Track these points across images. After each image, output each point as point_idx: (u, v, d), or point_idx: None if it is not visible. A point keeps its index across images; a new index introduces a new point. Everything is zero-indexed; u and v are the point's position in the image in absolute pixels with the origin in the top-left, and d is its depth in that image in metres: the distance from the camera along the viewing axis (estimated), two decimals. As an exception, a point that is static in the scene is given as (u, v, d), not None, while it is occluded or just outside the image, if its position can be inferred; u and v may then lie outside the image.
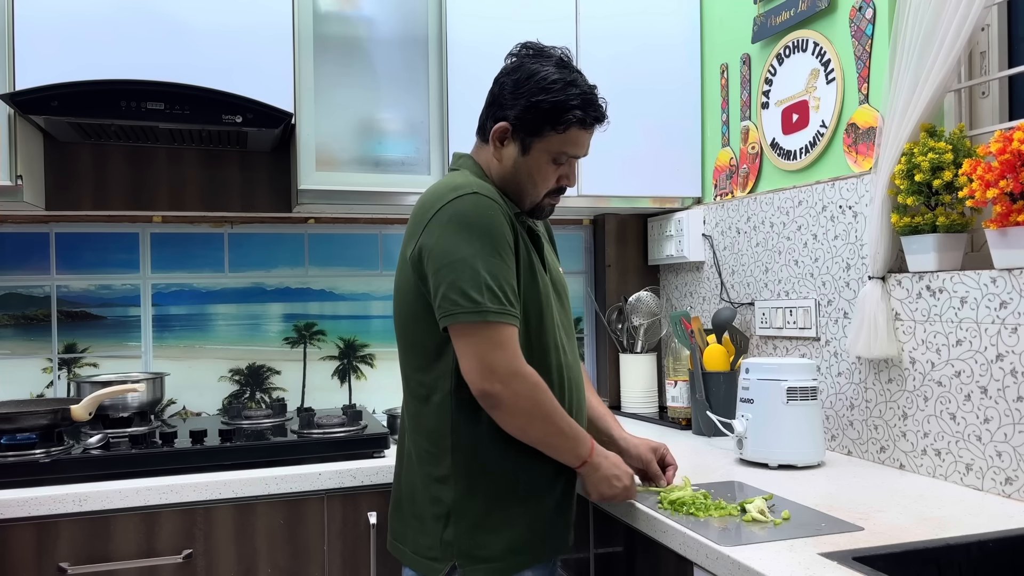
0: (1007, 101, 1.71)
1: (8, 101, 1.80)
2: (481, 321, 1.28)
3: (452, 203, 1.32)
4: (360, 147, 2.14)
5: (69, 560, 1.59)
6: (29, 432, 1.74)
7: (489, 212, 1.32)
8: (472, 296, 1.27)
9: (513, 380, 1.29)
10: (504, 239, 1.32)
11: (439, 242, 1.31)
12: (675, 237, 2.47)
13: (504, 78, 1.43)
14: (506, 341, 1.29)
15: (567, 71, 1.41)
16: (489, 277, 1.29)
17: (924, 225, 1.60)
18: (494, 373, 1.28)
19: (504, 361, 1.28)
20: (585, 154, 1.46)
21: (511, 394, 1.29)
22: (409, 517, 1.44)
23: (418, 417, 1.42)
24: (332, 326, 2.44)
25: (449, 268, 1.29)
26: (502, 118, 1.41)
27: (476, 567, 1.34)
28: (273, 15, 2.04)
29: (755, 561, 1.11)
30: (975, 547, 1.19)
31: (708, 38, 2.41)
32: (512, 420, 1.32)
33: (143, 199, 2.26)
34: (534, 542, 1.38)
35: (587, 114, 1.40)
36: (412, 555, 1.41)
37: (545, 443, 1.35)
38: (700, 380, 2.08)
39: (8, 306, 2.19)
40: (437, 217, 1.33)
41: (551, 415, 1.33)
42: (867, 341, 1.68)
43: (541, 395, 1.32)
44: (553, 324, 1.43)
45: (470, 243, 1.29)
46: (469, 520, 1.35)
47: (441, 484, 1.37)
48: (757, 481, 1.57)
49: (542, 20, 2.24)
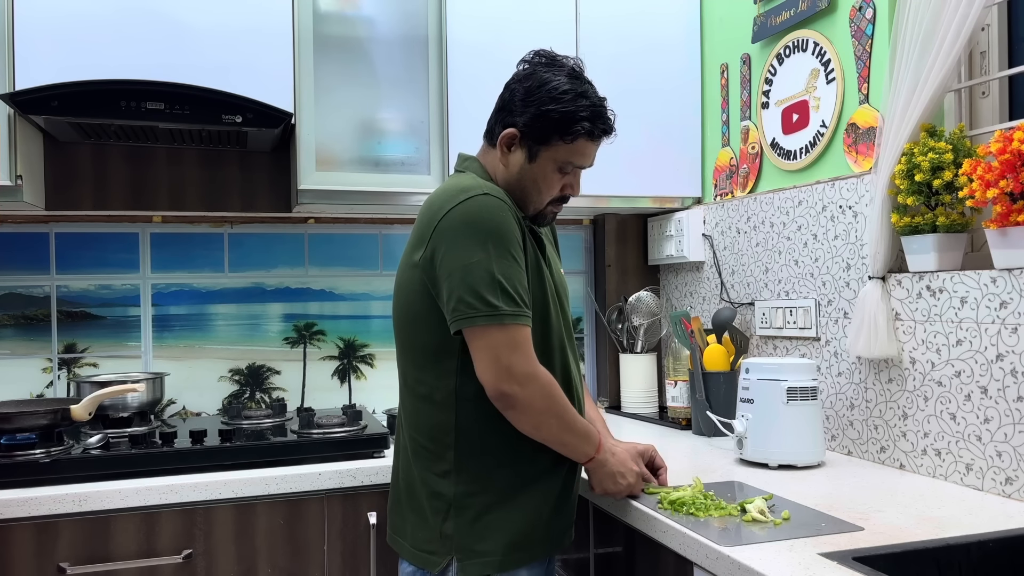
0: (1007, 101, 1.71)
1: (8, 101, 1.80)
2: (498, 324, 1.29)
3: (462, 205, 1.33)
4: (360, 147, 2.14)
5: (69, 560, 1.59)
6: (29, 432, 1.74)
7: (500, 214, 1.33)
8: (487, 299, 1.29)
9: (530, 381, 1.31)
10: (515, 240, 1.34)
11: (451, 245, 1.32)
12: (675, 237, 2.47)
13: (515, 84, 1.44)
14: (522, 342, 1.31)
15: (578, 82, 1.42)
16: (504, 279, 1.30)
17: (924, 225, 1.60)
18: (512, 375, 1.29)
19: (521, 362, 1.30)
20: (591, 164, 1.48)
21: (528, 395, 1.31)
22: (407, 511, 1.45)
23: (417, 415, 1.42)
24: (332, 326, 2.44)
25: (463, 271, 1.30)
26: (511, 124, 1.42)
27: (474, 561, 1.35)
28: (273, 15, 2.04)
29: (755, 561, 1.11)
30: (975, 547, 1.19)
31: (708, 38, 2.41)
32: (527, 420, 1.33)
33: (143, 199, 2.26)
34: (534, 539, 1.39)
35: (595, 126, 1.42)
36: (410, 548, 1.42)
37: (556, 441, 1.37)
38: (700, 380, 2.08)
39: (8, 306, 2.19)
40: (447, 219, 1.33)
41: (563, 414, 1.35)
42: (867, 341, 1.68)
43: (555, 394, 1.34)
44: (558, 325, 1.45)
45: (483, 246, 1.30)
46: (469, 514, 1.36)
47: (442, 479, 1.38)
48: (757, 481, 1.57)
49: (542, 20, 2.24)
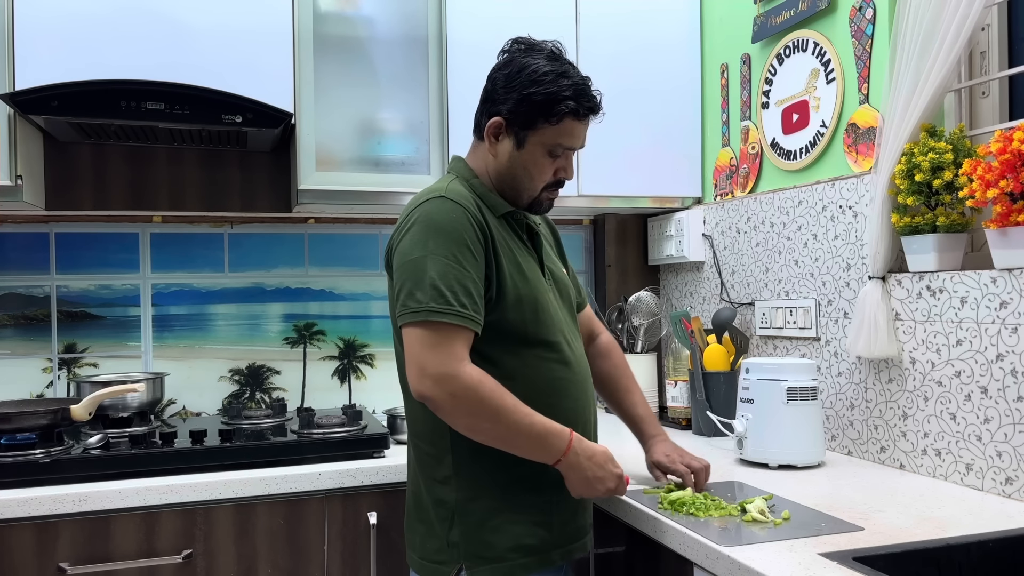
0: (1007, 101, 1.71)
1: (8, 101, 1.80)
2: (423, 320, 1.26)
3: (420, 207, 1.34)
4: (360, 147, 2.14)
5: (69, 560, 1.59)
6: (29, 432, 1.73)
7: (451, 215, 1.32)
8: (417, 296, 1.27)
9: (445, 382, 1.24)
10: (464, 242, 1.31)
11: (401, 244, 1.33)
12: (675, 237, 2.47)
13: (496, 74, 1.43)
14: (446, 342, 1.26)
15: (558, 63, 1.40)
16: (437, 277, 1.27)
17: (924, 225, 1.60)
18: (425, 374, 1.25)
19: (435, 361, 1.25)
20: (581, 146, 1.45)
21: (446, 396, 1.25)
22: (416, 523, 1.43)
23: (415, 420, 1.42)
24: (332, 326, 2.44)
25: (402, 269, 1.31)
26: (495, 113, 1.41)
27: (482, 568, 1.33)
28: (273, 15, 2.04)
29: (755, 561, 1.11)
30: (975, 547, 1.19)
31: (708, 38, 2.41)
32: (456, 422, 1.29)
33: (143, 199, 2.26)
34: (544, 542, 1.36)
35: (580, 104, 1.39)
36: (419, 560, 1.41)
37: (504, 443, 1.30)
38: (700, 380, 2.08)
39: (8, 306, 2.19)
40: (406, 220, 1.35)
41: (500, 413, 1.26)
42: (867, 341, 1.68)
43: (484, 394, 1.26)
44: (552, 321, 1.41)
45: (425, 244, 1.30)
46: (473, 520, 1.34)
47: (443, 485, 1.37)
48: (757, 481, 1.57)
49: (542, 19, 2.24)
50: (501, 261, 1.36)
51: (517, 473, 1.35)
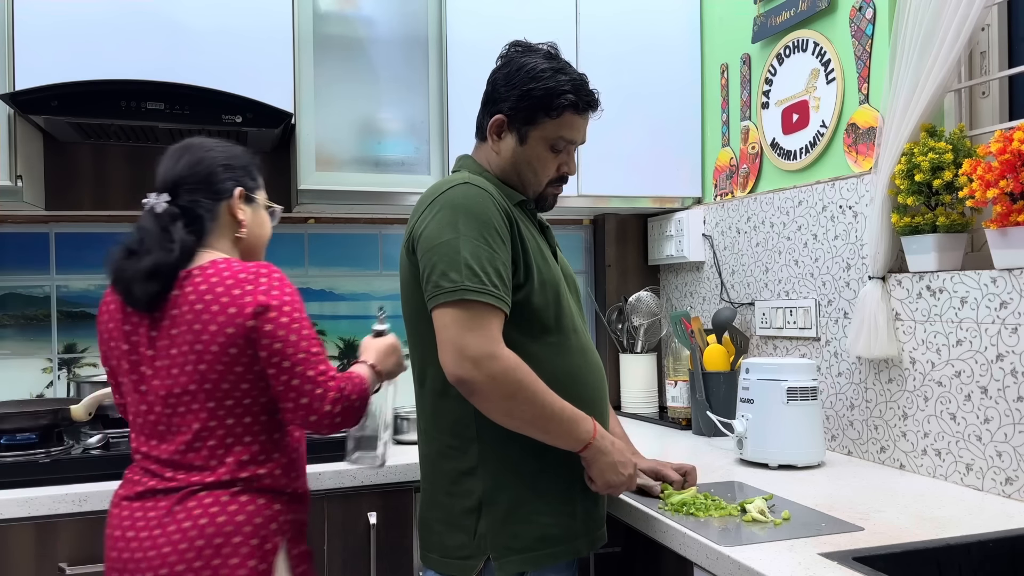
0: (1007, 101, 1.71)
1: (8, 101, 1.80)
2: (459, 300, 1.25)
3: (444, 194, 1.34)
4: (360, 147, 2.14)
5: (69, 560, 1.59)
6: (29, 432, 1.73)
7: (478, 199, 1.33)
8: (451, 276, 1.26)
9: (487, 362, 1.23)
10: (492, 224, 1.31)
11: (427, 229, 1.33)
12: (675, 237, 2.47)
13: (495, 75, 1.46)
14: (483, 323, 1.25)
15: (556, 61, 1.44)
16: (471, 257, 1.27)
17: (924, 225, 1.60)
18: (465, 356, 1.23)
19: (477, 342, 1.23)
20: (583, 140, 1.48)
21: (485, 378, 1.23)
22: (432, 523, 1.40)
23: (437, 413, 1.39)
24: (332, 326, 2.44)
25: (432, 252, 1.30)
26: (497, 111, 1.44)
27: (511, 559, 1.32)
28: (273, 15, 2.04)
29: (755, 561, 1.11)
30: (975, 547, 1.19)
31: (708, 38, 2.41)
32: (493, 407, 1.26)
33: (143, 199, 2.25)
34: (570, 532, 1.36)
35: (579, 98, 1.42)
36: (440, 559, 1.37)
37: (537, 428, 1.29)
38: (700, 380, 2.08)
39: (8, 306, 2.19)
40: (430, 208, 1.35)
41: (536, 396, 1.26)
42: (867, 341, 1.68)
43: (522, 375, 1.25)
44: (570, 308, 1.43)
45: (455, 227, 1.29)
46: (501, 511, 1.33)
47: (469, 476, 1.35)
48: (757, 481, 1.57)
49: (542, 19, 2.24)
50: (527, 245, 1.37)
51: (542, 462, 1.34)
